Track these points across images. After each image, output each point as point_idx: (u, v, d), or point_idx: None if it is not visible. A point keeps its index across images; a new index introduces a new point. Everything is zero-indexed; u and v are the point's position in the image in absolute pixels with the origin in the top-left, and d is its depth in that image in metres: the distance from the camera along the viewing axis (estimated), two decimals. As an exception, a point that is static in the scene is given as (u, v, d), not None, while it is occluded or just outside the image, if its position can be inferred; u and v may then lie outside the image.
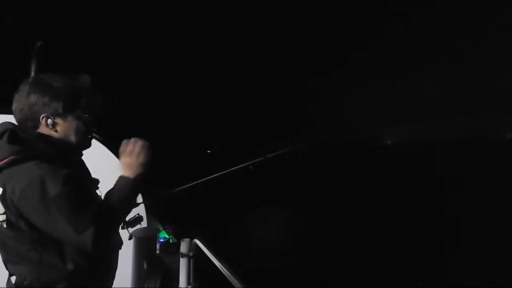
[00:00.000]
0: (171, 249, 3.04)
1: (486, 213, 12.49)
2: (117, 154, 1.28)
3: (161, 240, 3.20)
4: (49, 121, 1.17)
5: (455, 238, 9.72)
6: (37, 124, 1.18)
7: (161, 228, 3.39)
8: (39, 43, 2.15)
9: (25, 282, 1.13)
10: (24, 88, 1.18)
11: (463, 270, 7.29)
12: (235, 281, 1.39)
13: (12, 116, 1.22)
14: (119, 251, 1.42)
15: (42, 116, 1.16)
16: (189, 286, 2.07)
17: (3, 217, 1.10)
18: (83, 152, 1.35)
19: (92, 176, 1.42)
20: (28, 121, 1.17)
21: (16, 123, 1.20)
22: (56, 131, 1.19)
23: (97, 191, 1.39)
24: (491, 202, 14.48)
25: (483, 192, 16.51)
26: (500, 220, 11.53)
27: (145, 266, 2.44)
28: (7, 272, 1.21)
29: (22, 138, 1.13)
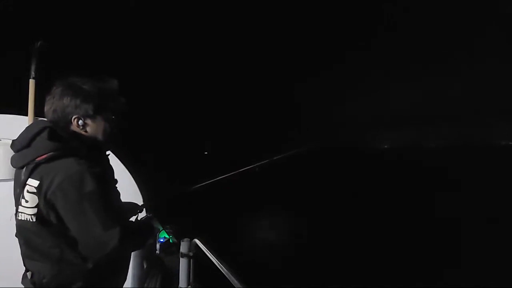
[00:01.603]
0: (171, 249, 3.03)
1: (481, 217, 12.54)
2: (116, 154, 1.31)
3: (161, 240, 3.19)
4: (80, 122, 1.25)
5: (450, 242, 9.73)
6: (68, 124, 1.24)
7: (161, 228, 3.38)
8: (39, 43, 2.14)
9: (44, 280, 1.16)
10: (57, 91, 1.24)
11: (460, 272, 7.31)
12: (235, 281, 1.39)
13: (11, 116, 1.23)
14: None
15: (73, 117, 1.23)
16: (189, 286, 2.07)
17: (33, 211, 1.14)
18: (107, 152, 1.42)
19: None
20: (60, 122, 1.24)
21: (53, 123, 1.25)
22: (86, 131, 1.27)
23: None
24: (486, 206, 14.54)
25: (479, 196, 16.57)
26: (494, 223, 11.58)
27: (145, 266, 2.44)
28: (10, 271, 1.23)
29: (61, 136, 1.20)
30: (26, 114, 2.02)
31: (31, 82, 2.12)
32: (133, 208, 1.69)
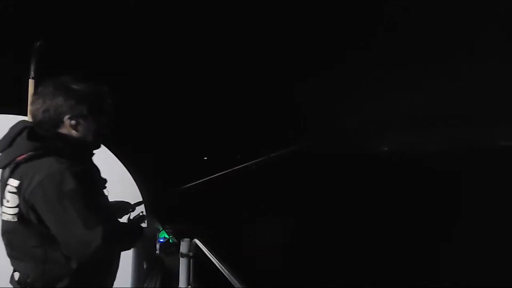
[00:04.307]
0: (171, 249, 3.04)
1: (481, 219, 12.50)
2: (117, 155, 1.32)
3: (161, 240, 3.19)
4: (73, 121, 1.24)
5: (450, 247, 9.69)
6: (59, 124, 1.24)
7: (161, 228, 3.39)
8: (39, 43, 2.15)
9: (28, 279, 1.16)
10: (47, 91, 1.24)
11: (458, 277, 7.31)
12: (235, 281, 1.39)
13: (11, 116, 1.25)
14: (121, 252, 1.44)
15: (67, 117, 1.23)
16: (189, 286, 2.07)
17: (15, 211, 1.14)
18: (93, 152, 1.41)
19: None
20: (51, 121, 1.23)
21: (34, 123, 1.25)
22: (77, 131, 1.26)
23: (104, 190, 1.41)
24: (487, 209, 14.49)
25: (480, 199, 16.51)
26: (495, 226, 11.54)
27: (145, 266, 2.44)
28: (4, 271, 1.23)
29: (41, 135, 1.20)
30: (26, 114, 2.02)
31: (31, 82, 2.12)
32: (124, 207, 1.68)
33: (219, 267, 1.58)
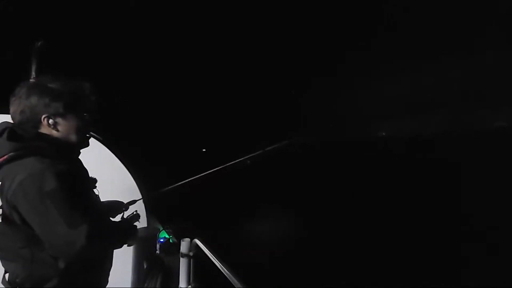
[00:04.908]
0: (171, 249, 3.04)
1: (482, 204, 12.37)
2: (116, 153, 1.31)
3: (161, 240, 3.20)
4: (51, 121, 1.21)
5: (451, 233, 9.66)
6: (38, 124, 1.22)
7: (161, 228, 3.39)
8: (39, 43, 2.15)
9: (17, 280, 1.16)
10: (22, 91, 1.22)
11: (461, 268, 7.29)
12: (235, 281, 1.39)
13: (8, 116, 1.24)
14: (116, 251, 1.43)
15: (43, 116, 1.20)
16: (189, 286, 2.07)
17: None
18: (80, 151, 1.38)
19: (90, 175, 1.43)
20: (29, 122, 1.21)
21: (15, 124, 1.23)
22: (57, 130, 1.24)
23: (94, 190, 1.41)
24: (487, 193, 14.33)
25: (480, 184, 16.32)
26: (497, 212, 11.42)
27: (145, 266, 2.44)
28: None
29: (22, 136, 1.17)
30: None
31: (31, 82, 2.12)
32: (117, 206, 1.68)
33: (219, 267, 1.58)
